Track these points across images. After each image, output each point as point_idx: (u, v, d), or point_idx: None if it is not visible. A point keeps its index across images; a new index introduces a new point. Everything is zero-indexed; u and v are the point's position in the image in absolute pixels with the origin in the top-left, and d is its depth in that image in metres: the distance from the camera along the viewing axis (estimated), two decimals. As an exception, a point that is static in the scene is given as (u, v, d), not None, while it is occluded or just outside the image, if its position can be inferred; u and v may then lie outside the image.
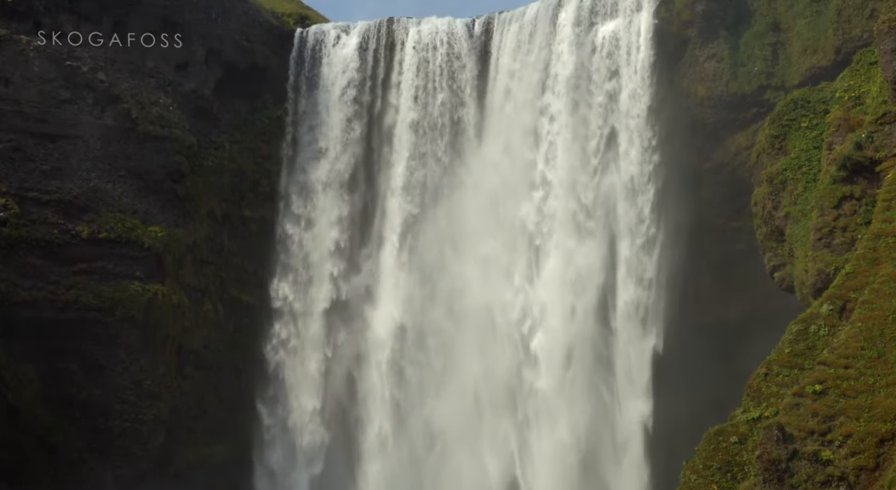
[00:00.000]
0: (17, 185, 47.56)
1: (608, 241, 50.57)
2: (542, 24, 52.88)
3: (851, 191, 39.75)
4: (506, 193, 51.95)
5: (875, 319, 34.00)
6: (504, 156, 52.48)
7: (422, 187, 53.35)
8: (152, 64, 51.96)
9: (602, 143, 51.06)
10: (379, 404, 52.26)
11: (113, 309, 47.98)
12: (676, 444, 45.76)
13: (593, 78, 51.51)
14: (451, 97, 54.03)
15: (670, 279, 49.24)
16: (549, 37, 52.50)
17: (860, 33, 44.09)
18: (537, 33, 52.94)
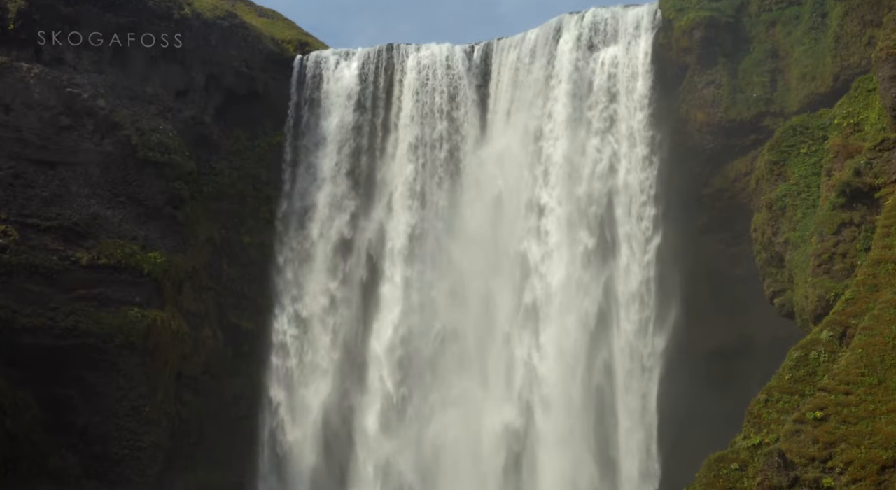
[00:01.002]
0: (17, 212, 47.65)
1: (607, 266, 50.57)
2: (541, 51, 53.09)
3: (851, 217, 39.83)
4: (506, 221, 52.02)
5: (875, 346, 33.98)
6: (504, 183, 52.57)
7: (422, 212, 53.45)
8: (152, 90, 52.13)
9: (601, 168, 51.17)
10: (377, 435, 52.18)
11: (112, 335, 47.94)
12: (677, 468, 45.69)
13: (592, 104, 51.68)
14: (450, 125, 54.15)
15: (670, 305, 49.18)
16: (548, 63, 52.69)
17: (858, 60, 44.25)
18: (536, 60, 53.15)
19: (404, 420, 51.90)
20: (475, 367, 51.44)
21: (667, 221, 49.85)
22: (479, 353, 51.51)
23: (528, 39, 53.93)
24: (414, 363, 52.27)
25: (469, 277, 52.14)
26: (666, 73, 50.56)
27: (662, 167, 50.15)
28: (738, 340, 49.46)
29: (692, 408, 47.37)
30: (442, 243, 52.92)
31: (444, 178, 53.73)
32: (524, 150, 52.69)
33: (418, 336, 52.40)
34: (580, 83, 51.89)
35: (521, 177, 52.25)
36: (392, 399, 52.07)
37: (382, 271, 53.67)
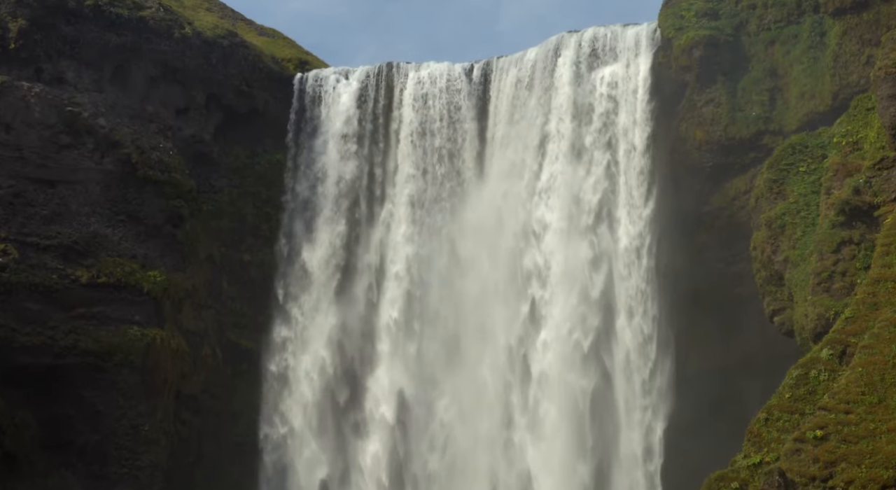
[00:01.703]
0: (17, 231, 47.63)
1: (606, 286, 50.58)
2: (541, 69, 53.21)
3: (850, 235, 39.90)
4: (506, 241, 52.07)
5: (875, 364, 33.99)
6: (504, 202, 52.62)
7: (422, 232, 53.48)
8: (152, 109, 52.22)
9: (600, 186, 51.22)
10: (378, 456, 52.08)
11: (111, 354, 47.87)
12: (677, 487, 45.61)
13: (592, 122, 51.78)
14: (450, 142, 54.25)
15: (670, 324, 49.16)
16: (547, 81, 52.81)
17: (857, 79, 44.41)
18: (536, 78, 53.28)
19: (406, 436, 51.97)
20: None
21: (666, 239, 49.84)
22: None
23: (527, 58, 54.06)
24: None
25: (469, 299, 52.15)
26: (665, 91, 50.66)
27: (662, 185, 50.18)
28: (738, 359, 49.42)
29: (692, 426, 47.28)
30: (442, 264, 52.93)
31: (444, 196, 53.78)
32: (524, 167, 52.73)
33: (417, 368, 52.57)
34: (580, 101, 52.01)
35: (521, 195, 52.30)
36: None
37: (383, 291, 53.66)
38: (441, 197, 53.80)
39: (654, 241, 49.98)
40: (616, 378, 49.52)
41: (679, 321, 49.17)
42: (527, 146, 52.76)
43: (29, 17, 49.49)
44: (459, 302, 52.44)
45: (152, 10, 52.65)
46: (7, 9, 49.39)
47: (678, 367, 49.33)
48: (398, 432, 52.12)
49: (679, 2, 51.08)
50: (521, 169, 52.78)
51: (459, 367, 51.85)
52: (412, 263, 53.31)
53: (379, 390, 52.72)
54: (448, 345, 52.17)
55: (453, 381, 51.78)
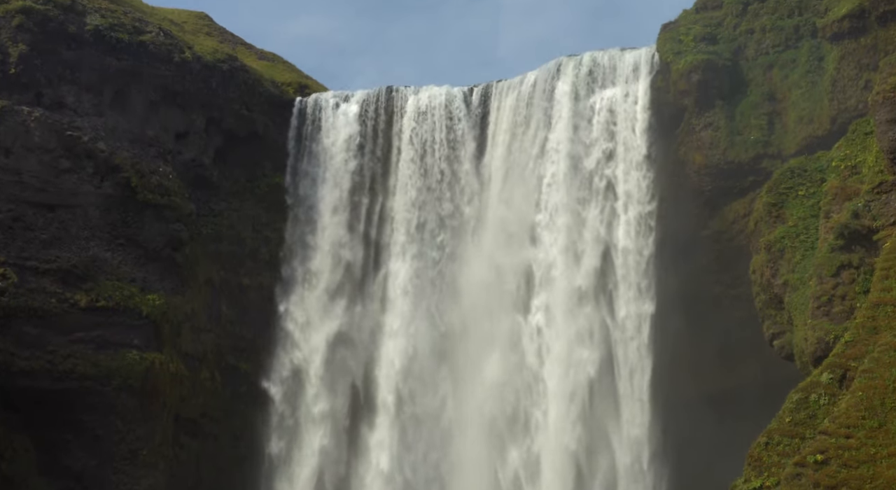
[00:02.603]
0: (16, 255, 47.59)
1: (606, 307, 50.56)
2: (540, 93, 53.37)
3: (850, 259, 39.90)
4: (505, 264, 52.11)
5: (875, 389, 33.92)
6: (503, 224, 52.67)
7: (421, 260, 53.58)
8: (152, 133, 52.32)
9: (599, 209, 51.28)
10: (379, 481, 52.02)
11: (110, 378, 47.80)
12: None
13: (591, 146, 51.88)
14: (449, 166, 54.34)
15: (668, 347, 49.11)
16: (546, 105, 52.94)
17: (855, 104, 44.56)
18: (535, 102, 53.41)
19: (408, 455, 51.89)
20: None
21: (665, 263, 49.84)
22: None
23: (526, 81, 54.21)
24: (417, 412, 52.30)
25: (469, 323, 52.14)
26: (664, 115, 50.78)
27: (661, 209, 50.23)
28: (738, 382, 49.37)
29: (692, 450, 47.17)
30: (442, 289, 52.95)
31: (443, 220, 53.82)
32: (523, 191, 52.80)
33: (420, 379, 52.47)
34: (578, 125, 52.14)
35: (521, 219, 52.35)
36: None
37: (382, 317, 53.66)
38: (441, 221, 53.83)
39: (653, 264, 49.97)
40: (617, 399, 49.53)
41: (678, 344, 49.10)
42: (526, 168, 52.84)
43: (29, 42, 49.66)
44: (460, 324, 52.54)
45: (152, 34, 52.84)
46: (7, 34, 49.56)
47: (677, 391, 49.21)
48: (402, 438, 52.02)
49: (677, 26, 51.29)
50: (521, 192, 52.82)
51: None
52: (411, 287, 53.28)
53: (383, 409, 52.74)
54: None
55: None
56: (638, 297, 50.03)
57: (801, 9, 48.58)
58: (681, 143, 50.13)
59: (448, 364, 52.38)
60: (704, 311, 49.72)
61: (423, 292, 53.20)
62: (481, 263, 52.35)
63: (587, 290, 50.59)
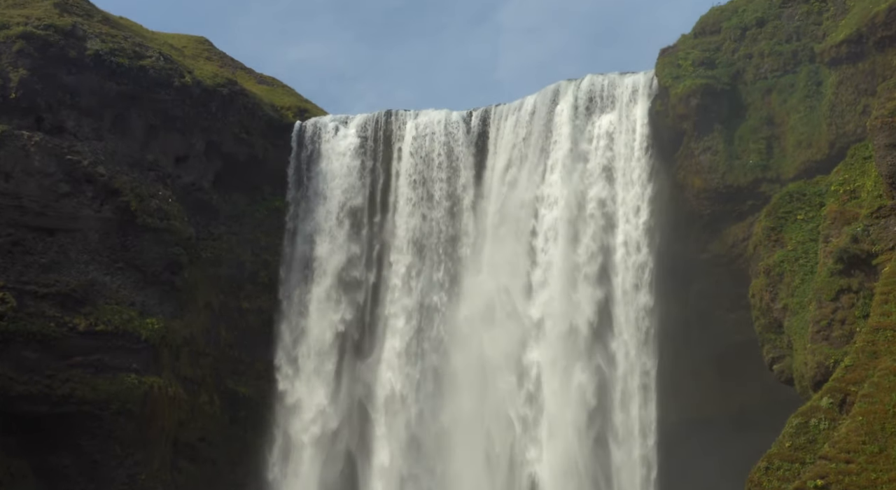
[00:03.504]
0: (15, 279, 47.59)
1: (606, 330, 50.50)
2: (539, 117, 53.46)
3: (849, 284, 39.89)
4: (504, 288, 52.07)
5: (876, 413, 33.86)
6: (501, 248, 52.69)
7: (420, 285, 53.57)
8: (152, 157, 52.42)
9: (599, 233, 51.30)
10: None
11: (109, 402, 47.72)
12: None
13: (590, 169, 51.93)
14: (448, 189, 54.38)
15: (668, 371, 49.04)
16: (545, 129, 53.03)
17: (854, 128, 44.62)
18: (534, 125, 53.51)
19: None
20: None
21: (664, 287, 49.82)
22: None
23: (525, 105, 54.32)
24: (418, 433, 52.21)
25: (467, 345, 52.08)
26: (663, 138, 50.86)
27: (660, 232, 50.24)
28: (738, 406, 49.28)
29: (693, 475, 47.04)
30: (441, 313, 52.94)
31: (442, 244, 53.82)
32: (522, 215, 52.84)
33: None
34: (577, 148, 52.22)
35: (519, 243, 52.37)
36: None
37: (382, 341, 53.62)
38: (440, 245, 53.84)
39: (653, 288, 49.94)
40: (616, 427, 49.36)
41: (677, 368, 49.03)
42: (525, 192, 52.89)
43: (30, 67, 49.82)
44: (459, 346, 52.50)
45: (152, 59, 53.01)
46: (8, 59, 49.74)
47: (677, 415, 49.11)
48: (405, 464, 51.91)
49: (676, 51, 51.41)
50: (520, 216, 52.86)
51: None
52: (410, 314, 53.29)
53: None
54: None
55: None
56: (637, 318, 49.98)
57: (800, 34, 48.73)
58: (680, 166, 50.18)
59: (448, 382, 52.28)
60: (704, 335, 49.66)
61: (419, 316, 53.16)
62: (480, 288, 52.34)
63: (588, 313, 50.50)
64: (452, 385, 51.95)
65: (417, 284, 53.54)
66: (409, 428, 52.07)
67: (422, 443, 51.91)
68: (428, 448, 51.75)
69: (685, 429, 48.46)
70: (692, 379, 49.17)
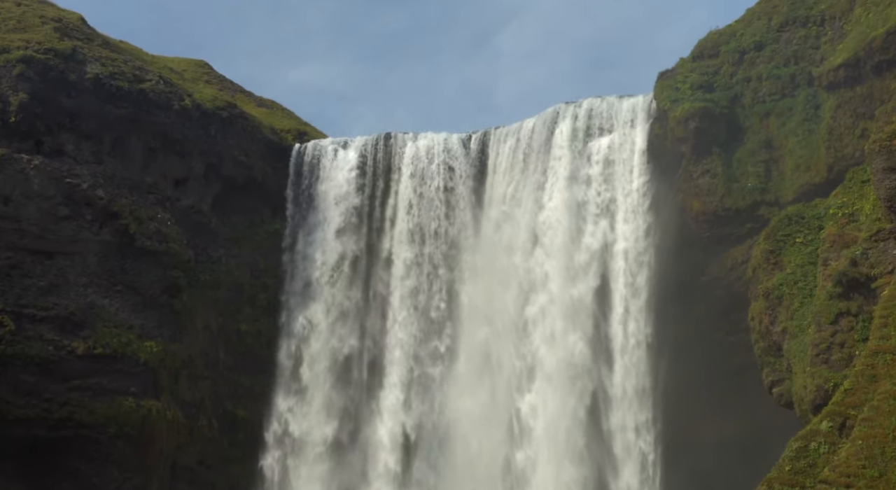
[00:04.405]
0: (14, 302, 47.54)
1: (603, 354, 50.45)
2: (538, 139, 53.58)
3: (848, 307, 39.89)
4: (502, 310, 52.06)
5: (875, 437, 33.75)
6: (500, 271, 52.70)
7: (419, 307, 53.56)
8: (151, 180, 52.46)
9: (598, 256, 51.32)
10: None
11: (107, 426, 47.57)
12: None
13: (589, 192, 52.00)
14: (448, 212, 54.43)
15: (666, 395, 48.95)
16: (544, 151, 53.14)
17: (852, 152, 44.71)
18: (533, 148, 53.61)
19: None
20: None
21: (664, 310, 49.78)
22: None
23: (524, 128, 54.45)
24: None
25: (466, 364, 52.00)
26: (661, 161, 50.94)
27: (659, 255, 50.25)
28: (737, 430, 49.14)
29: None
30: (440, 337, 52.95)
31: (441, 266, 53.81)
32: (521, 237, 52.87)
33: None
34: (576, 171, 52.29)
35: (517, 268, 52.37)
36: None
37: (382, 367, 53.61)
38: (439, 266, 53.85)
39: (651, 311, 49.92)
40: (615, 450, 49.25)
41: (675, 391, 48.93)
42: (524, 214, 52.93)
43: (30, 91, 49.91)
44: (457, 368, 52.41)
45: (152, 82, 53.14)
46: (8, 83, 49.82)
47: (675, 438, 48.97)
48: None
49: (674, 74, 51.58)
50: (519, 238, 52.88)
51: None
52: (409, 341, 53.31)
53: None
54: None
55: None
56: (636, 342, 49.92)
57: (798, 58, 48.91)
58: (678, 189, 50.23)
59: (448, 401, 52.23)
60: (703, 358, 49.57)
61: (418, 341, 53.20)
62: (479, 313, 52.33)
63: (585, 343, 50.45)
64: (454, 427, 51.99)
65: (415, 312, 53.51)
66: (410, 457, 52.00)
67: (422, 483, 51.82)
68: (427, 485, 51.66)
69: (682, 451, 48.29)
70: (690, 402, 49.04)
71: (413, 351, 53.13)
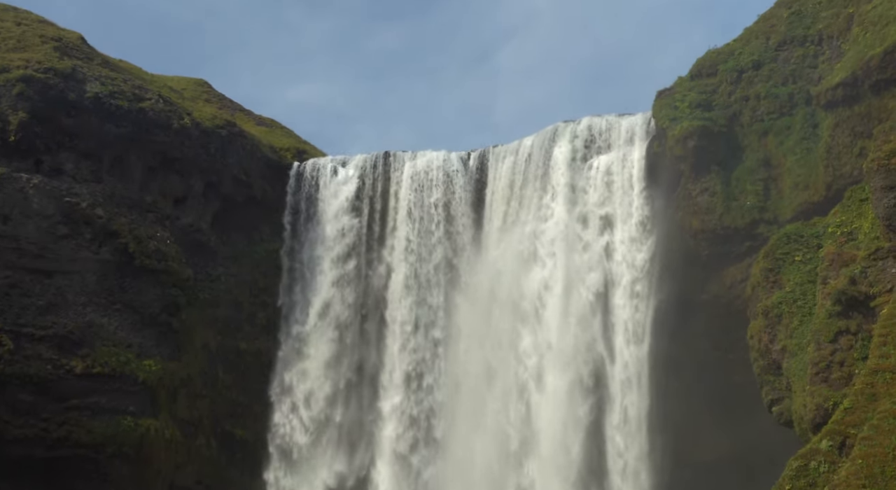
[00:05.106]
0: (12, 321, 47.53)
1: (602, 374, 50.40)
2: (537, 158, 53.62)
3: (847, 325, 39.82)
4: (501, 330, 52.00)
5: (875, 456, 33.64)
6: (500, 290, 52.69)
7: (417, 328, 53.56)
8: (151, 198, 52.50)
9: (597, 273, 51.31)
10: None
11: (105, 445, 47.52)
12: None
13: (588, 210, 52.04)
14: (446, 231, 54.45)
15: (666, 414, 48.86)
16: (543, 170, 53.18)
17: (850, 170, 44.73)
18: (532, 166, 53.65)
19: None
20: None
21: (663, 328, 49.74)
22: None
23: (523, 146, 54.51)
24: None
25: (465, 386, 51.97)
26: (660, 180, 50.95)
27: (658, 273, 50.23)
28: (737, 448, 49.02)
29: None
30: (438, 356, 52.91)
31: (439, 285, 53.80)
32: (521, 255, 52.85)
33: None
34: (575, 190, 52.32)
35: (517, 284, 52.36)
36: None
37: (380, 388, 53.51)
38: (437, 285, 53.83)
39: (651, 328, 49.88)
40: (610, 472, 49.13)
41: (675, 409, 48.85)
42: (523, 233, 52.94)
43: (29, 110, 49.97)
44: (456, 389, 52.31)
45: (152, 101, 53.22)
46: (8, 102, 49.87)
47: (674, 456, 48.84)
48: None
49: (673, 93, 51.66)
50: (519, 256, 52.88)
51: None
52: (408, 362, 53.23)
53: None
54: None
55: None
56: (636, 359, 49.87)
57: (795, 77, 49.00)
58: (678, 207, 50.25)
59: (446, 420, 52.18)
60: (702, 376, 49.51)
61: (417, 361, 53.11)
62: (477, 333, 52.30)
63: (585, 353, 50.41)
64: (452, 443, 51.82)
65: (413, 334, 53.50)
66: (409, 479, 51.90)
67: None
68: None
69: (681, 469, 48.17)
70: (689, 420, 48.95)
71: (411, 372, 53.07)
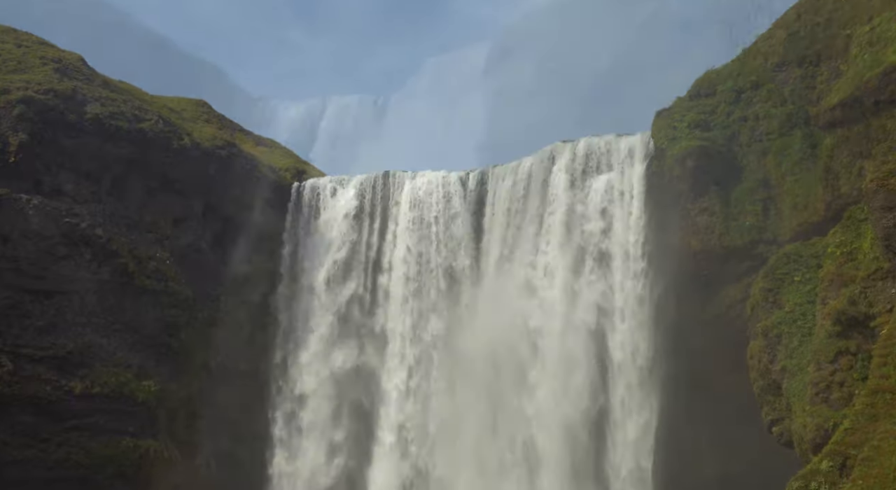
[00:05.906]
0: (12, 342, 47.44)
1: (603, 391, 50.33)
2: (536, 178, 53.73)
3: (847, 346, 39.79)
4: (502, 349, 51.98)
5: (876, 477, 33.57)
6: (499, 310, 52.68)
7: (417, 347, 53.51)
8: (150, 219, 52.54)
9: (596, 294, 51.31)
10: None
11: (104, 466, 47.43)
12: None
13: (587, 231, 52.08)
14: (446, 251, 54.49)
15: (666, 432, 48.78)
16: (542, 190, 53.29)
17: (849, 190, 44.72)
18: (531, 187, 53.75)
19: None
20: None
21: (662, 347, 49.72)
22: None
23: (522, 167, 54.61)
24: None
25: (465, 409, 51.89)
26: (659, 200, 51.00)
27: (657, 293, 50.23)
28: (737, 469, 48.89)
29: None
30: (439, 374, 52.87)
31: (439, 305, 53.81)
32: (521, 276, 52.86)
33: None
34: (574, 210, 52.36)
35: (517, 304, 52.36)
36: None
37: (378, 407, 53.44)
38: (437, 305, 53.85)
39: (650, 348, 49.86)
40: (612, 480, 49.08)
41: (675, 429, 48.77)
42: (523, 254, 52.98)
43: (29, 132, 50.00)
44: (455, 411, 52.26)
45: (152, 122, 53.32)
46: (8, 123, 49.91)
47: (675, 477, 48.73)
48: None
49: (671, 113, 51.76)
50: (518, 278, 52.89)
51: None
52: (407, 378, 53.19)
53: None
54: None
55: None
56: (636, 380, 49.83)
57: (794, 97, 49.09)
58: (677, 227, 50.24)
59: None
60: (702, 396, 49.43)
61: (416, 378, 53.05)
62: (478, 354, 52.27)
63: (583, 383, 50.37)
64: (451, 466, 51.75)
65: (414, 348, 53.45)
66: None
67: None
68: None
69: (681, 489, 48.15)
70: (689, 440, 48.85)
71: (409, 390, 53.00)
